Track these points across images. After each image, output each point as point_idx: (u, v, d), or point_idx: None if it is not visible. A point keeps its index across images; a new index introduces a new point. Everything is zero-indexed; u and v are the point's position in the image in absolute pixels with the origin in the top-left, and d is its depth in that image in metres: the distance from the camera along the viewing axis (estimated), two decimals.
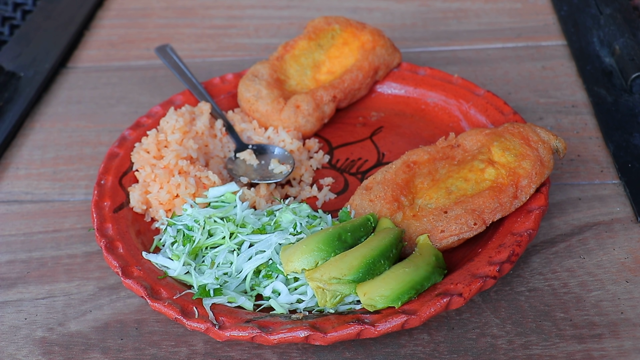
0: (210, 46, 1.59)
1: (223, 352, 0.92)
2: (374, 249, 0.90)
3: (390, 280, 0.88)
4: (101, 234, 1.01)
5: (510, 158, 1.01)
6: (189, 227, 1.02)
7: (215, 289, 0.94)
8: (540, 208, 0.98)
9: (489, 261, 0.92)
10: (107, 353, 0.93)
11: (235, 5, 1.74)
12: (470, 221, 0.96)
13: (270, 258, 0.96)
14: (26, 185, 1.24)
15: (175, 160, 1.09)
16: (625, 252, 1.00)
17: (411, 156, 1.07)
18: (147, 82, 1.49)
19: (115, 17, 1.74)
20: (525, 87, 1.35)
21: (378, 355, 0.90)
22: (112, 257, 0.97)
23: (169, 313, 0.89)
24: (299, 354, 0.91)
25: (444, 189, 1.00)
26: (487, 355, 0.88)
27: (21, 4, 1.79)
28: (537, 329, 0.91)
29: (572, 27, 1.49)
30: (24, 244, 1.12)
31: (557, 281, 0.97)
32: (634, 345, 0.88)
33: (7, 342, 0.96)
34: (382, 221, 0.98)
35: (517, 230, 0.96)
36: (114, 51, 1.61)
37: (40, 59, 1.54)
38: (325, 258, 0.91)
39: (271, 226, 1.01)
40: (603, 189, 1.11)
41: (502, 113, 1.16)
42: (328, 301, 0.89)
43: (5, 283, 1.05)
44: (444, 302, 0.86)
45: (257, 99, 1.21)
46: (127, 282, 0.94)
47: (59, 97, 1.46)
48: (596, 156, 1.17)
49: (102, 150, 1.30)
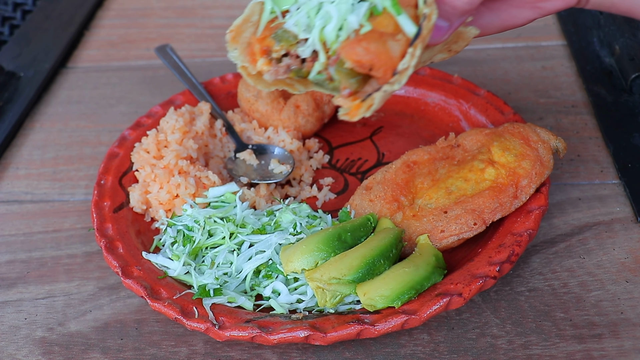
0: (210, 46, 1.59)
1: (223, 352, 0.92)
2: (374, 249, 0.90)
3: (390, 280, 0.88)
4: (101, 234, 1.01)
5: (510, 158, 1.01)
6: (189, 227, 1.02)
7: (215, 289, 0.94)
8: (540, 208, 0.98)
9: (489, 261, 0.92)
10: (107, 353, 0.93)
11: (235, 5, 1.74)
12: (470, 221, 0.96)
13: (270, 258, 0.96)
14: (26, 185, 1.24)
15: (175, 160, 1.09)
16: (625, 252, 1.00)
17: (411, 156, 1.07)
18: (147, 82, 1.49)
19: (115, 17, 1.74)
20: (525, 87, 1.35)
21: (378, 355, 0.90)
22: (112, 257, 0.97)
23: (169, 313, 0.89)
24: (299, 354, 0.91)
25: (444, 189, 1.00)
26: (487, 355, 0.88)
27: (21, 4, 1.79)
28: (537, 329, 0.91)
29: (572, 27, 1.49)
30: (24, 244, 1.12)
31: (557, 281, 0.97)
32: (634, 345, 0.88)
33: (7, 342, 0.96)
34: (382, 221, 0.98)
35: (517, 230, 0.96)
36: (114, 51, 1.61)
37: (40, 59, 1.54)
38: (325, 258, 0.91)
39: (271, 226, 1.01)
40: (603, 189, 1.11)
41: (502, 113, 1.16)
42: (328, 301, 0.89)
43: (5, 283, 1.05)
44: (443, 302, 0.87)
45: (257, 99, 1.21)
46: (127, 282, 0.94)
47: (59, 97, 1.46)
48: (596, 156, 1.17)
49: (102, 150, 1.30)
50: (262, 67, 0.81)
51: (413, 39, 0.72)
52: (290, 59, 0.79)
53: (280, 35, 0.78)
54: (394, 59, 0.72)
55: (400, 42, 0.73)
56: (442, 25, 0.75)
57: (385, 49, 0.72)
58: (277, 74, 0.80)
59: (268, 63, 0.81)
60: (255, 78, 0.84)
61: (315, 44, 0.75)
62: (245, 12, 0.81)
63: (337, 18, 0.73)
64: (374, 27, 0.73)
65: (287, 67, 0.79)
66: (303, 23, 0.76)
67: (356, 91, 0.74)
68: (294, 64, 0.79)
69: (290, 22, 0.77)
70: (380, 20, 0.74)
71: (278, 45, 0.78)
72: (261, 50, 0.81)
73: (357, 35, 0.72)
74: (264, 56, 0.81)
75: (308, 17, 0.76)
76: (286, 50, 0.79)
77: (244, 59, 0.83)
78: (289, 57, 0.79)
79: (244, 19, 0.80)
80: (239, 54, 0.83)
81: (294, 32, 0.77)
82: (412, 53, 0.71)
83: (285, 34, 0.78)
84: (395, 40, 0.73)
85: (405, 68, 0.71)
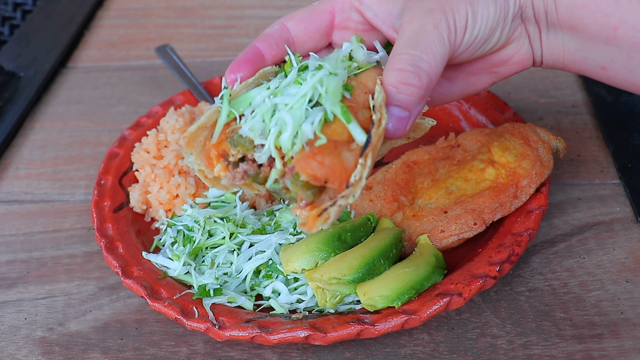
0: (210, 46, 1.59)
1: (223, 352, 0.92)
2: (374, 249, 0.90)
3: (390, 280, 0.88)
4: (101, 234, 1.01)
5: (510, 158, 1.01)
6: (189, 227, 1.02)
7: (215, 289, 0.94)
8: (540, 208, 0.98)
9: (489, 261, 0.92)
10: (107, 353, 0.93)
11: (235, 5, 1.74)
12: (470, 221, 0.96)
13: (270, 258, 0.96)
14: (26, 185, 1.24)
15: (175, 160, 1.09)
16: (625, 252, 1.00)
17: (411, 156, 1.07)
18: (147, 82, 1.49)
19: (115, 17, 1.74)
20: (525, 87, 1.35)
21: (378, 355, 0.90)
22: (112, 257, 0.97)
23: (169, 313, 0.89)
24: (299, 354, 0.91)
25: (444, 189, 1.00)
26: (487, 355, 0.88)
27: (21, 4, 1.79)
28: (537, 329, 0.91)
29: None
30: (24, 244, 1.12)
31: (557, 281, 0.97)
32: (634, 345, 0.88)
33: (7, 342, 0.96)
34: (382, 221, 0.98)
35: (517, 230, 0.96)
36: (114, 51, 1.61)
37: (40, 59, 1.54)
38: (325, 258, 0.91)
39: (271, 226, 1.01)
40: (603, 189, 1.11)
41: (502, 113, 1.16)
42: (328, 301, 0.89)
43: (5, 283, 1.05)
44: (443, 302, 0.87)
45: None
46: (127, 282, 0.94)
47: (59, 97, 1.46)
48: (596, 156, 1.17)
49: (102, 150, 1.30)
50: (219, 172, 0.80)
51: (363, 149, 0.71)
52: (247, 165, 0.77)
53: (236, 140, 0.76)
54: (349, 169, 0.70)
55: (354, 152, 0.72)
56: (403, 116, 0.75)
57: (339, 161, 0.70)
58: (234, 179, 0.79)
59: (225, 168, 0.79)
60: (212, 181, 0.83)
61: (271, 151, 0.74)
62: (202, 119, 0.78)
63: (292, 126, 0.72)
64: (328, 137, 0.71)
65: (244, 172, 0.78)
66: (258, 128, 0.75)
67: (313, 202, 0.73)
68: (251, 169, 0.77)
69: (245, 128, 0.76)
70: (334, 127, 0.73)
71: (234, 149, 0.77)
72: (217, 155, 0.79)
73: (311, 146, 0.71)
74: (220, 161, 0.79)
75: (263, 121, 0.75)
76: (243, 154, 0.77)
77: (201, 163, 0.81)
78: (246, 162, 0.78)
79: (199, 126, 0.79)
80: (195, 158, 0.81)
81: (249, 137, 0.76)
82: (363, 164, 0.70)
83: (240, 139, 0.76)
84: (349, 150, 0.72)
85: (358, 180, 0.69)
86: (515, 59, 0.87)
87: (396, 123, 0.75)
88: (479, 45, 0.82)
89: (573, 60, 0.85)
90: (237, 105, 0.78)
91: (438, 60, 0.76)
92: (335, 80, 0.75)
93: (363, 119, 0.75)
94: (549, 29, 0.84)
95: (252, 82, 0.82)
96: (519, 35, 0.85)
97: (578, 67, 0.86)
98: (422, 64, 0.75)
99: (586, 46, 0.82)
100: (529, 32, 0.85)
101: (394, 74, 0.75)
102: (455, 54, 0.80)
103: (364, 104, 0.76)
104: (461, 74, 0.90)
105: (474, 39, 0.80)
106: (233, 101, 0.79)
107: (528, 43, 0.86)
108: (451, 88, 0.92)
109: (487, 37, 0.82)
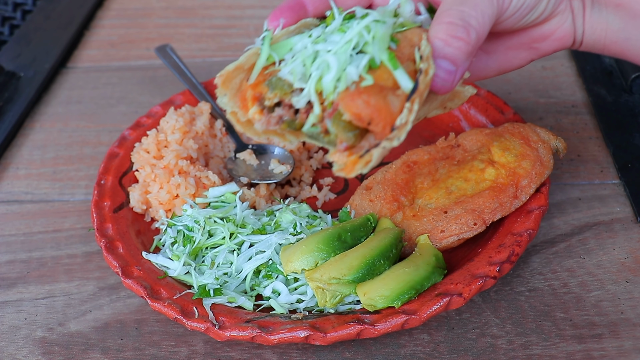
0: (210, 46, 1.59)
1: (223, 352, 0.92)
2: (374, 249, 0.90)
3: (390, 280, 0.88)
4: (101, 234, 1.01)
5: (510, 158, 1.01)
6: (189, 227, 1.02)
7: (215, 289, 0.94)
8: (540, 208, 0.98)
9: (489, 261, 0.92)
10: (107, 353, 0.93)
11: (235, 5, 1.74)
12: (470, 221, 0.96)
13: (270, 258, 0.96)
14: (26, 185, 1.24)
15: (175, 160, 1.09)
16: (625, 252, 1.00)
17: (411, 156, 1.07)
18: (147, 82, 1.49)
19: (115, 17, 1.74)
20: (525, 87, 1.35)
21: (378, 355, 0.90)
22: (112, 257, 0.97)
23: (169, 313, 0.90)
24: (299, 354, 0.91)
25: (444, 189, 1.00)
26: (487, 355, 0.88)
27: (21, 4, 1.79)
28: (537, 329, 0.91)
29: None
30: (24, 244, 1.12)
31: (557, 281, 0.97)
32: (634, 345, 0.88)
33: (7, 342, 0.96)
34: (382, 221, 0.98)
35: (517, 230, 0.96)
36: (114, 51, 1.61)
37: (40, 59, 1.54)
38: (325, 258, 0.91)
39: (271, 226, 1.01)
40: (603, 189, 1.11)
41: (502, 113, 1.16)
42: (328, 301, 0.89)
43: (5, 283, 1.05)
44: (443, 302, 0.87)
45: None
46: (127, 282, 0.94)
47: (59, 97, 1.46)
48: (596, 156, 1.17)
49: (102, 150, 1.30)
50: (254, 115, 0.78)
51: (410, 94, 0.70)
52: (283, 110, 0.76)
53: (275, 83, 0.75)
54: (394, 114, 0.69)
55: (400, 97, 0.70)
56: (450, 69, 0.74)
57: (385, 103, 0.69)
58: (268, 125, 0.77)
59: (260, 112, 0.77)
60: (244, 125, 0.81)
61: (310, 95, 0.72)
62: (240, 59, 0.77)
63: (337, 69, 0.70)
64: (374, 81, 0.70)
65: (279, 117, 0.76)
66: (298, 72, 0.73)
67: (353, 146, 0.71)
68: (286, 115, 0.76)
69: (285, 70, 0.74)
70: (380, 73, 0.72)
71: (271, 92, 0.75)
72: (253, 96, 0.77)
73: (356, 87, 0.70)
74: (256, 103, 0.77)
75: (304, 65, 0.73)
76: (280, 98, 0.75)
77: (234, 105, 0.79)
78: (282, 107, 0.76)
79: (236, 67, 0.77)
80: (229, 99, 0.79)
81: (288, 80, 0.74)
82: (410, 108, 0.69)
83: (279, 82, 0.74)
84: (395, 95, 0.70)
85: (404, 123, 0.68)
86: (557, 35, 0.86)
87: (444, 76, 0.74)
88: (525, 12, 0.80)
89: (615, 40, 0.84)
90: (278, 49, 0.77)
91: (486, 19, 0.75)
92: (383, 27, 0.73)
93: (408, 71, 0.73)
94: (593, 5, 0.83)
95: (294, 29, 0.79)
96: (563, 9, 0.84)
97: (620, 48, 0.84)
98: (470, 19, 0.74)
99: (631, 26, 0.81)
100: (574, 7, 0.84)
101: (443, 27, 0.73)
102: (501, 17, 0.79)
103: (409, 56, 0.74)
104: (500, 47, 0.88)
105: (521, 4, 0.79)
106: (273, 45, 0.77)
107: (571, 19, 0.85)
108: (488, 62, 0.90)
109: (534, 4, 0.80)
